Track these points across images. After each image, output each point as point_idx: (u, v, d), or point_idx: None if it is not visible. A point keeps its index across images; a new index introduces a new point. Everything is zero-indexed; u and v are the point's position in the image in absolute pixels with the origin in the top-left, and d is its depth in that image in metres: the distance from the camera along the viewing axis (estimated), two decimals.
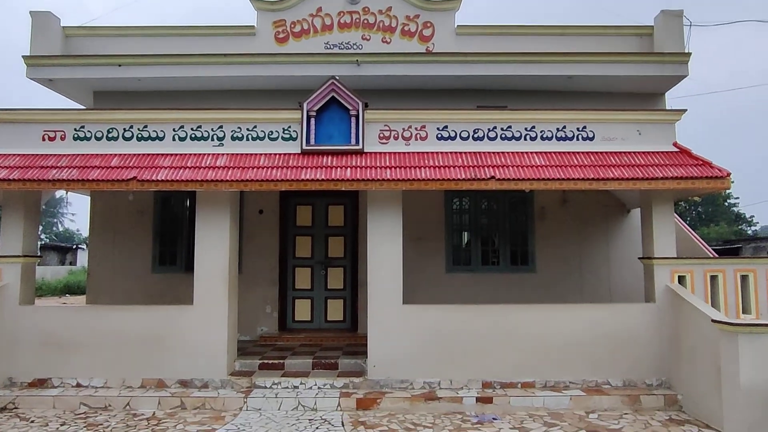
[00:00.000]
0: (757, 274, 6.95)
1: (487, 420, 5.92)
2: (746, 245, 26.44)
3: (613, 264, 9.03)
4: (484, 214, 9.12)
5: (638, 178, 6.53)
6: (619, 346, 6.73)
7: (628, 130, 7.08)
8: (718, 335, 5.54)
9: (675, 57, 8.47)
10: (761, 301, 6.90)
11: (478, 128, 7.05)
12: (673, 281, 6.80)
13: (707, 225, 54.36)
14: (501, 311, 6.88)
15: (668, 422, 5.95)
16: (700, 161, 6.76)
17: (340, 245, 9.05)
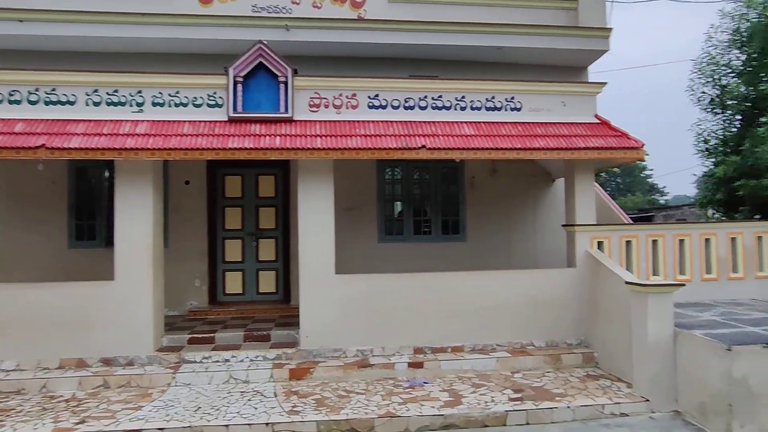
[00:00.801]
0: (665, 238, 7.47)
1: (418, 384, 6.08)
2: (658, 213, 28.42)
3: (540, 231, 9.42)
4: (416, 184, 9.20)
5: (562, 148, 6.79)
6: (543, 309, 7.06)
7: (553, 101, 7.30)
8: (631, 296, 5.94)
9: (597, 32, 8.77)
10: (668, 264, 7.45)
11: (410, 97, 7.03)
12: (593, 247, 7.18)
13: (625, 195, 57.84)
14: (431, 279, 7.02)
15: (585, 378, 6.36)
16: (619, 133, 7.10)
17: (272, 216, 8.87)
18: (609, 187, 61.16)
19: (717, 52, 9.30)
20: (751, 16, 8.82)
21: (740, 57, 9.17)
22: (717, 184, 9.32)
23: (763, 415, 4.93)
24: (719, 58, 9.28)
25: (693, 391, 5.39)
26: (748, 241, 7.67)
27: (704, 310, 6.83)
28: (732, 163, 8.61)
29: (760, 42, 8.59)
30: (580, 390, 5.91)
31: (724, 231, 7.69)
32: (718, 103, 9.22)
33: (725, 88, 9.14)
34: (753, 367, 4.93)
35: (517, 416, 5.32)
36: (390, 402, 5.53)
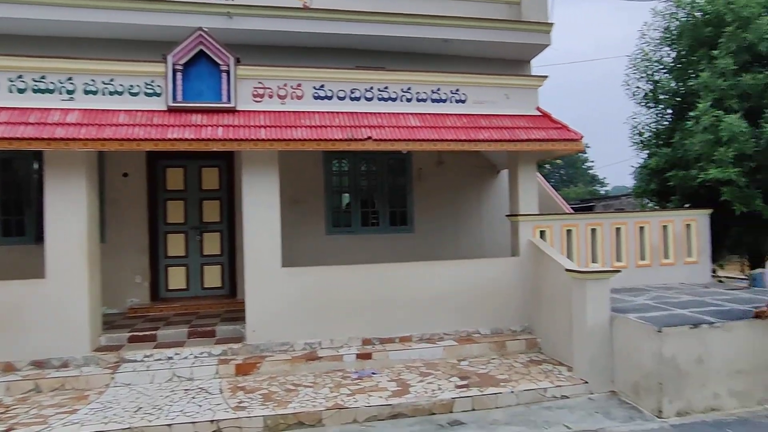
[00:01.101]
0: (603, 227, 7.79)
1: (366, 375, 6.10)
2: (598, 203, 29.54)
3: (486, 221, 9.62)
4: (363, 176, 9.18)
5: (506, 139, 6.93)
6: (488, 297, 7.22)
7: (497, 94, 7.44)
8: (571, 283, 6.15)
9: (539, 26, 8.99)
10: (606, 251, 7.77)
11: (355, 88, 6.98)
12: (535, 236, 7.39)
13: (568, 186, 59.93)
14: (379, 270, 7.04)
15: (529, 363, 6.56)
16: (559, 125, 7.32)
17: (216, 209, 8.65)
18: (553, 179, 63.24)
19: (650, 48, 9.71)
20: (680, 15, 9.27)
21: (671, 54, 9.61)
22: (650, 175, 9.76)
23: (689, 391, 5.25)
24: (652, 55, 9.70)
25: (628, 371, 5.66)
26: (678, 229, 8.10)
27: (638, 294, 7.18)
28: (664, 155, 9.03)
29: (688, 40, 9.04)
30: (524, 375, 6.09)
31: (657, 219, 8.09)
32: (651, 97, 9.64)
33: (658, 84, 9.56)
34: (680, 346, 5.22)
35: (463, 403, 5.42)
36: (338, 394, 5.52)
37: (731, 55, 8.09)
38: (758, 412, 5.31)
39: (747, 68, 8.19)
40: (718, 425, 5.04)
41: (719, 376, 5.34)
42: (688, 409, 5.24)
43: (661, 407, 5.19)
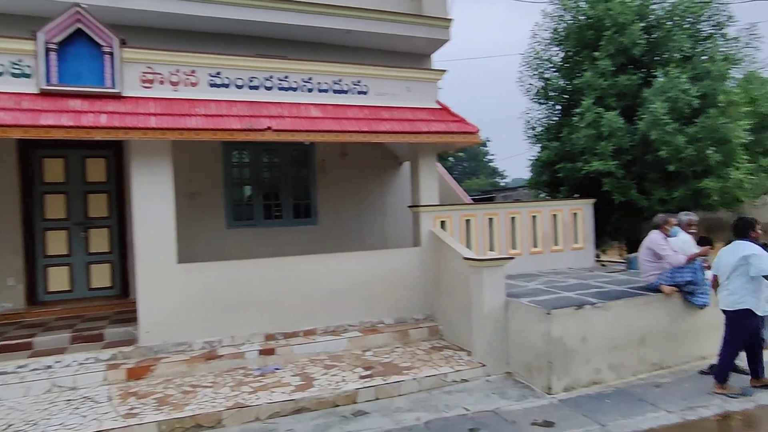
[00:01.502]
0: (500, 217, 8.17)
1: (269, 371, 5.95)
2: (498, 194, 31.07)
3: (389, 213, 9.73)
4: (265, 168, 8.92)
5: (407, 131, 7.03)
6: (392, 288, 7.32)
7: (398, 86, 7.52)
8: (469, 270, 6.39)
9: (439, 21, 9.20)
10: (502, 239, 8.17)
11: (254, 77, 6.74)
12: (436, 226, 7.59)
13: (470, 178, 62.48)
14: (282, 264, 6.88)
15: (431, 350, 6.74)
16: (458, 118, 7.55)
17: (103, 203, 8.00)
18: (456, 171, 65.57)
19: (541, 48, 10.33)
20: (567, 18, 9.93)
21: (559, 54, 10.27)
22: (542, 167, 10.40)
23: (574, 368, 5.65)
24: (542, 54, 10.31)
25: (521, 352, 5.99)
26: (566, 218, 8.70)
27: (531, 279, 7.62)
28: (553, 149, 9.66)
29: (574, 42, 9.71)
30: (426, 362, 6.24)
31: (548, 209, 8.63)
32: (543, 94, 10.26)
33: (548, 81, 10.19)
34: (567, 327, 5.61)
35: (366, 393, 5.46)
36: (239, 392, 5.34)
37: (610, 57, 8.79)
38: (632, 382, 5.84)
39: (623, 70, 8.94)
40: (599, 397, 5.48)
41: (600, 352, 5.80)
42: (574, 384, 5.64)
43: (550, 384, 5.55)
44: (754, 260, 5.19)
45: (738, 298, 5.34)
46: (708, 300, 6.26)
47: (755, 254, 5.22)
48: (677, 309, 6.28)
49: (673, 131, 7.85)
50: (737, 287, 5.34)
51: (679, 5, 9.15)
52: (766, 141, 9.02)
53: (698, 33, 9.41)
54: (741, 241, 5.46)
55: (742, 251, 5.32)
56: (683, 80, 8.00)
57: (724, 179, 7.96)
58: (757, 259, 5.18)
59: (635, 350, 6.00)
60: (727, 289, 5.45)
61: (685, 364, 6.26)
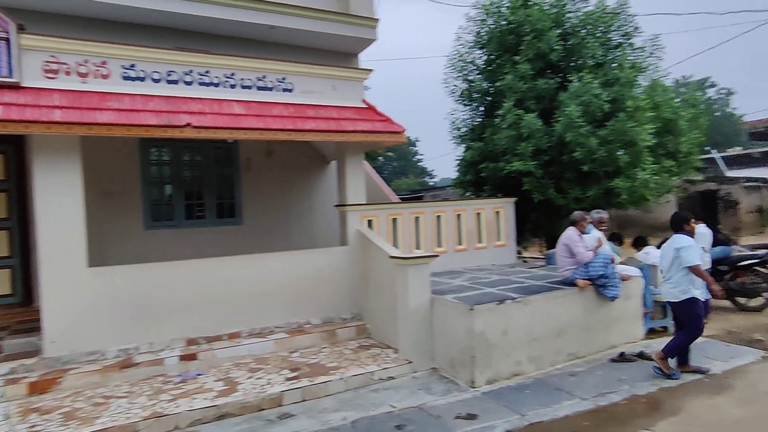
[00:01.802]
0: (426, 215, 8.31)
1: (190, 377, 5.71)
2: (427, 194, 31.62)
3: (317, 212, 9.64)
4: (186, 166, 8.56)
5: (333, 130, 6.98)
6: (319, 287, 7.25)
7: (324, 84, 7.45)
8: (395, 269, 6.44)
9: (365, 21, 9.21)
10: (428, 237, 8.31)
11: (173, 70, 6.44)
12: (363, 225, 7.60)
13: (400, 177, 63.25)
14: (204, 265, 6.63)
15: (358, 348, 6.74)
16: (384, 117, 7.59)
17: (2, 203, 7.36)
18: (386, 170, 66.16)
19: (464, 51, 10.59)
20: (489, 22, 10.25)
21: (482, 57, 10.59)
22: (467, 166, 10.68)
23: (496, 361, 5.84)
24: (466, 57, 10.59)
25: (446, 348, 6.12)
26: (489, 216, 8.98)
27: (456, 276, 7.80)
28: (477, 149, 9.94)
29: (496, 46, 10.04)
30: (353, 361, 6.23)
31: (472, 207, 8.87)
32: (467, 95, 10.54)
33: (472, 83, 10.47)
34: (488, 321, 5.78)
35: (292, 395, 5.37)
36: (157, 401, 5.09)
37: (529, 61, 9.17)
38: (551, 372, 6.11)
39: (542, 74, 9.36)
40: (520, 388, 5.69)
41: (521, 344, 6.03)
42: (496, 376, 5.83)
43: (474, 378, 5.70)
44: (683, 252, 5.68)
45: (683, 289, 5.75)
46: (618, 292, 6.67)
47: (684, 246, 5.70)
48: (591, 301, 6.65)
49: (586, 133, 8.31)
50: (678, 279, 5.77)
51: (592, 15, 9.69)
52: (668, 144, 9.74)
53: (609, 41, 10.01)
54: (677, 234, 5.92)
55: (676, 244, 5.79)
56: (595, 85, 8.49)
57: (632, 179, 8.52)
58: (685, 251, 5.67)
59: (553, 342, 6.28)
60: (670, 282, 5.86)
61: (598, 353, 6.64)
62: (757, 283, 8.72)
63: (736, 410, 4.96)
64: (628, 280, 6.96)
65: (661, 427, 4.72)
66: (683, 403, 5.17)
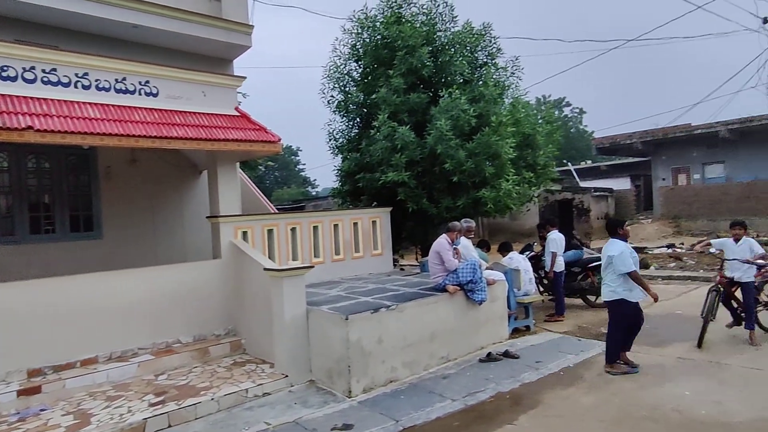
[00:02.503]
0: (302, 226, 8.21)
1: (32, 414, 5.07)
2: (309, 204, 31.43)
3: (188, 224, 9.11)
4: (32, 174, 7.64)
5: (203, 138, 6.65)
6: (189, 304, 6.84)
7: (193, 90, 7.09)
8: (270, 281, 6.27)
9: (239, 26, 8.93)
10: (305, 248, 8.22)
11: (9, 66, 5.72)
12: (237, 237, 7.32)
13: (282, 187, 62.29)
14: (54, 285, 5.94)
15: (232, 366, 6.45)
16: (258, 126, 7.40)
17: None
18: (268, 180, 64.90)
19: (341, 62, 10.69)
20: (365, 36, 10.46)
21: (358, 69, 10.77)
22: (345, 177, 10.77)
23: (372, 369, 5.90)
24: (342, 68, 10.70)
25: (322, 360, 6.06)
26: (365, 225, 9.11)
27: (333, 287, 7.79)
28: (354, 159, 10.07)
29: (371, 59, 10.27)
30: (226, 379, 5.95)
31: (348, 217, 8.94)
32: (343, 107, 10.63)
33: (348, 95, 10.59)
34: (364, 330, 5.83)
35: (157, 421, 4.99)
36: None
37: (402, 75, 9.49)
38: (424, 377, 6.31)
39: (414, 88, 9.73)
40: (395, 394, 5.79)
41: (395, 351, 6.15)
42: (372, 384, 5.89)
43: (350, 387, 5.70)
44: (616, 261, 5.96)
45: (612, 290, 6.09)
46: (485, 296, 7.08)
47: (616, 255, 5.96)
48: (461, 306, 6.99)
49: (455, 146, 8.77)
50: (611, 281, 6.10)
51: (460, 35, 10.29)
52: (528, 157, 10.62)
53: (475, 60, 10.70)
54: (612, 239, 6.24)
55: (609, 251, 6.09)
56: (463, 101, 9.00)
57: (497, 189, 9.15)
58: (618, 260, 5.94)
59: (426, 346, 6.50)
60: (605, 284, 6.20)
61: (468, 355, 6.98)
62: None
63: (585, 398, 5.47)
64: (494, 284, 7.42)
65: (522, 420, 5.07)
66: (541, 396, 5.59)
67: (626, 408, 5.13)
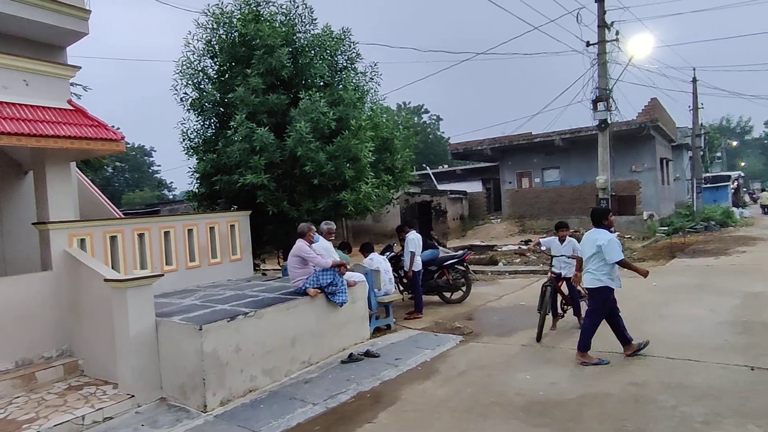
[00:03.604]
0: (151, 232, 7.60)
1: None
2: (164, 208, 29.40)
3: (9, 232, 7.92)
4: None
5: (24, 133, 5.83)
6: (11, 324, 5.96)
7: (12, 78, 6.21)
8: (111, 293, 5.70)
9: (72, 10, 7.97)
10: (155, 256, 7.62)
11: None
12: (72, 245, 6.55)
13: (134, 190, 57.48)
14: None
15: (67, 391, 5.76)
16: (96, 122, 6.69)
17: None
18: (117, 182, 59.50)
19: (195, 58, 10.09)
20: (221, 32, 10.00)
21: (214, 66, 10.25)
22: (200, 179, 10.20)
23: (230, 380, 5.63)
24: (197, 64, 10.11)
25: (174, 375, 5.65)
26: (223, 230, 8.70)
27: (188, 296, 7.32)
28: (210, 161, 9.56)
29: (227, 57, 9.85)
30: (57, 407, 5.28)
31: (204, 222, 8.47)
32: (198, 105, 10.04)
33: (203, 93, 10.03)
34: (220, 340, 5.55)
35: None
36: None
37: (261, 75, 9.23)
38: (286, 383, 6.17)
39: (274, 89, 9.52)
40: (254, 404, 5.59)
41: (255, 359, 5.94)
42: (230, 396, 5.62)
43: (206, 402, 5.39)
44: (605, 250, 6.00)
45: (596, 278, 6.13)
46: (346, 298, 7.14)
47: (605, 245, 6.02)
48: (322, 309, 6.96)
49: (315, 149, 8.73)
50: (595, 269, 6.13)
51: (320, 37, 10.28)
52: (386, 160, 10.93)
53: (336, 64, 10.76)
54: (597, 229, 6.29)
55: (597, 240, 6.11)
56: (323, 104, 8.99)
57: (357, 192, 9.27)
58: (607, 249, 6.00)
59: (287, 352, 6.37)
60: (588, 272, 6.21)
61: (330, 357, 6.98)
62: (458, 279, 10.38)
63: (440, 390, 5.74)
64: (354, 286, 7.51)
65: (381, 417, 5.17)
66: (400, 392, 5.76)
67: (476, 396, 5.48)
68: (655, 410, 4.81)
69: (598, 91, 15.27)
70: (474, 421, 4.91)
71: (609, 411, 4.87)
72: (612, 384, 5.50)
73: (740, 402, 4.81)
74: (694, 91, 29.65)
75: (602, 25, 15.42)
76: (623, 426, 4.55)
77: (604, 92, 15.22)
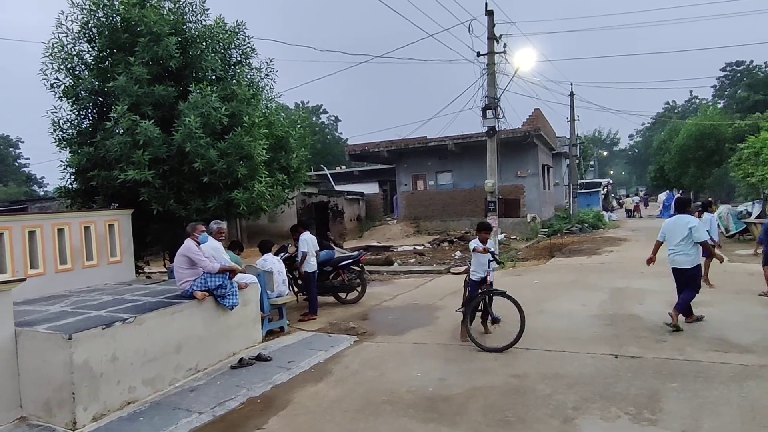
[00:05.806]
0: (12, 232, 6.81)
1: None
2: (33, 205, 26.56)
3: None
4: None
5: None
6: None
7: None
8: None
9: None
10: (18, 258, 6.83)
11: None
12: None
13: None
14: None
15: None
16: None
17: None
18: None
19: (69, 41, 9.17)
20: (100, 14, 9.18)
21: (91, 52, 9.40)
22: (75, 174, 9.32)
23: (104, 392, 5.20)
24: (71, 48, 9.20)
25: (38, 390, 5.11)
26: (100, 230, 8.01)
27: (57, 302, 6.64)
28: (86, 154, 8.75)
29: (107, 42, 9.07)
30: None
31: (78, 221, 7.74)
32: (72, 92, 9.14)
33: (79, 79, 9.16)
34: (93, 349, 5.10)
35: None
36: None
37: (145, 64, 8.61)
38: (169, 392, 5.82)
39: (160, 80, 8.92)
40: (133, 417, 5.20)
41: (134, 368, 5.53)
42: (105, 410, 5.19)
43: (75, 418, 4.94)
44: (694, 231, 7.02)
45: (693, 258, 7.09)
46: (236, 300, 6.88)
47: (695, 226, 7.07)
48: (210, 312, 6.65)
49: (206, 145, 8.30)
50: (689, 250, 7.08)
51: (212, 29, 9.81)
52: (281, 159, 10.68)
53: (229, 58, 10.32)
54: (684, 215, 7.29)
55: (689, 223, 7.09)
56: (215, 99, 8.57)
57: (250, 191, 8.95)
58: (696, 230, 7.03)
59: (171, 359, 6.01)
60: (684, 253, 7.11)
61: (219, 363, 6.69)
62: (353, 279, 10.43)
63: (333, 391, 5.72)
64: (246, 288, 7.26)
65: (272, 422, 5.05)
66: (291, 396, 5.66)
67: (368, 396, 5.52)
68: (533, 399, 5.15)
69: (488, 99, 16.07)
70: (365, 420, 4.94)
71: (492, 403, 5.14)
72: (496, 377, 5.82)
73: (605, 387, 5.30)
74: (571, 104, 32.27)
75: (492, 37, 16.28)
76: (505, 416, 4.82)
77: (493, 101, 16.06)
